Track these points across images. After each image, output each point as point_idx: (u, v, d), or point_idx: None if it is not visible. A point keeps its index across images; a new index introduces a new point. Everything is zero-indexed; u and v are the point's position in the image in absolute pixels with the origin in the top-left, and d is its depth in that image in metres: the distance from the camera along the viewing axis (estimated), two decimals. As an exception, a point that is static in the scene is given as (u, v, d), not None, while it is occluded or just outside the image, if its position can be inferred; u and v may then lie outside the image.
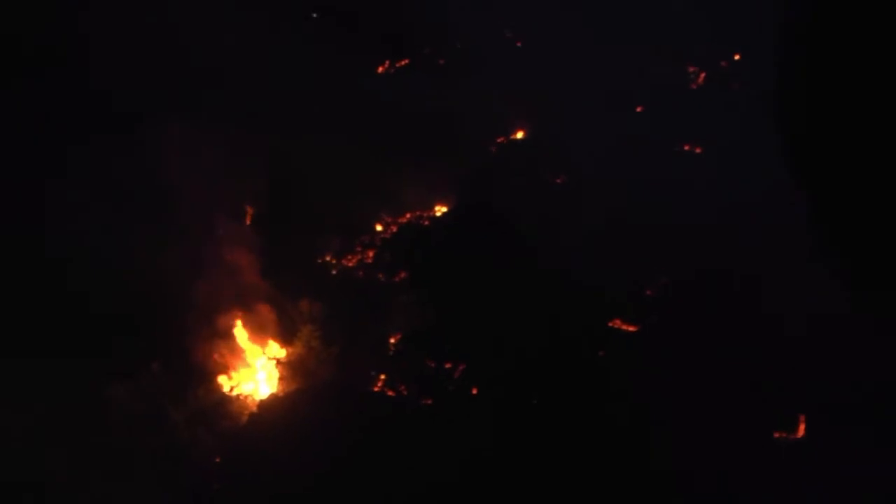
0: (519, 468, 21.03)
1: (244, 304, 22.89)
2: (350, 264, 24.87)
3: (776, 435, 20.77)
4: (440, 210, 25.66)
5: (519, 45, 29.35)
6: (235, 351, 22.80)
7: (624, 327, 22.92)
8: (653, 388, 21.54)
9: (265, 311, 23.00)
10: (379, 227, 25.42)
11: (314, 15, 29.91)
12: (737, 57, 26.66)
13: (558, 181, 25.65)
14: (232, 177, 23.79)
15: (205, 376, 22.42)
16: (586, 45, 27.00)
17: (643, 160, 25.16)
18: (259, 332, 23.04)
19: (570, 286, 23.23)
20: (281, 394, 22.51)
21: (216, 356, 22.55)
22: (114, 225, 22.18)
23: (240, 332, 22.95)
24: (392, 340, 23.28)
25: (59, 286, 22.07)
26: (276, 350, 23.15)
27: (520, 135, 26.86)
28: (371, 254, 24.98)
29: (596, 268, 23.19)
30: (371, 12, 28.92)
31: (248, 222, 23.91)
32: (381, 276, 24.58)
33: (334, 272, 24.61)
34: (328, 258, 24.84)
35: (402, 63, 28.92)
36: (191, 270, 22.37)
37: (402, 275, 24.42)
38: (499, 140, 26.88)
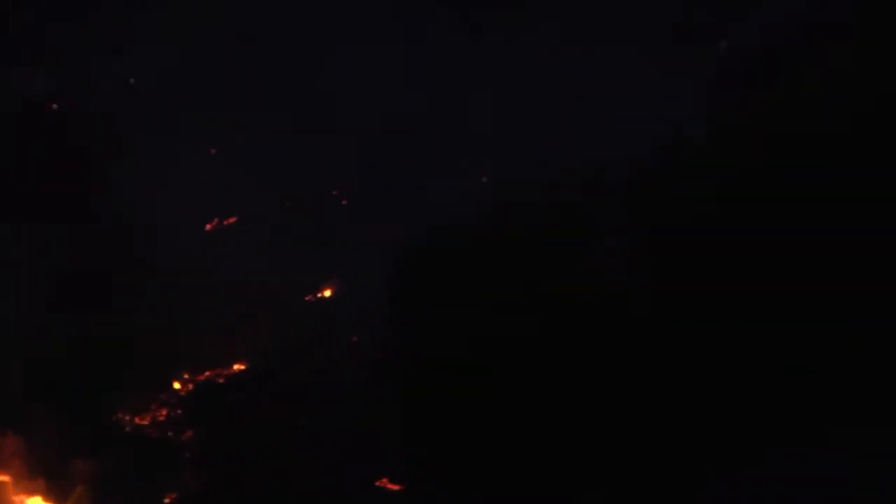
0: None
1: (11, 466, 22.96)
2: (143, 422, 25.04)
3: None
4: (239, 367, 25.94)
5: (345, 203, 29.76)
6: (0, 511, 22.80)
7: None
8: None
9: (38, 472, 23.04)
10: (177, 385, 25.64)
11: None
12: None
13: (354, 339, 26.02)
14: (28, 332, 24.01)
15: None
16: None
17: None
18: (28, 493, 23.05)
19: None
20: (43, 557, 22.47)
21: (-22, 517, 22.53)
22: None
23: (6, 493, 22.94)
24: (167, 501, 23.38)
25: None
26: (45, 511, 23.17)
27: (327, 293, 27.23)
28: (164, 412, 25.19)
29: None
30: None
31: (38, 373, 23.95)
32: (170, 433, 24.77)
33: (124, 429, 24.76)
34: (121, 415, 25.01)
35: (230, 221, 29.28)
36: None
37: (190, 433, 24.62)
38: (307, 298, 27.24)
